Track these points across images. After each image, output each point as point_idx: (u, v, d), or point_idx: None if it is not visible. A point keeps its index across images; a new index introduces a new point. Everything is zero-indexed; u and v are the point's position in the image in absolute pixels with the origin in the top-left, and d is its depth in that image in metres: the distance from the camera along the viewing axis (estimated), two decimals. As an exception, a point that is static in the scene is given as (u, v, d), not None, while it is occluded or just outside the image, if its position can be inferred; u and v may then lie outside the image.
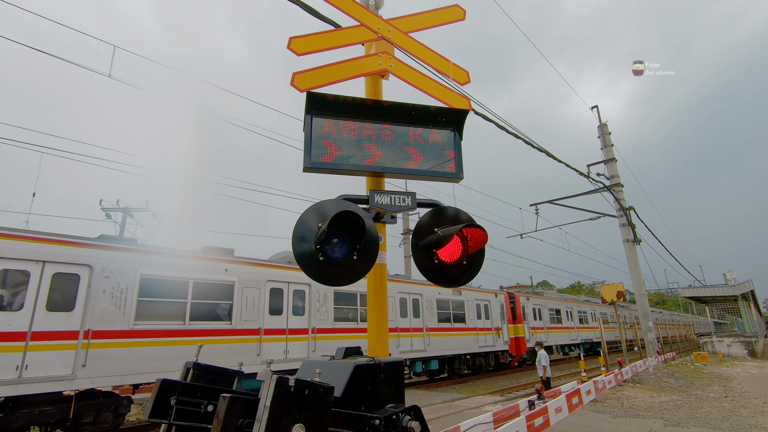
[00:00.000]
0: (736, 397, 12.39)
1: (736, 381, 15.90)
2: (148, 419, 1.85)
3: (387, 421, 1.91)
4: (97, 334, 8.57)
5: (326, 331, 12.72)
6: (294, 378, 1.51)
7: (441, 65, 3.49)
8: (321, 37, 3.04)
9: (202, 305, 10.27)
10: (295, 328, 11.98)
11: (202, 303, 10.29)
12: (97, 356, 8.47)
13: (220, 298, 10.65)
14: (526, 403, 7.84)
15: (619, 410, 10.43)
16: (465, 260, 2.78)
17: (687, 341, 36.24)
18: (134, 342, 9.03)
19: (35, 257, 8.17)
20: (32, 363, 7.75)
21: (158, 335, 9.42)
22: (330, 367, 2.14)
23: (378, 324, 2.78)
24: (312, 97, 2.68)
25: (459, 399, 12.94)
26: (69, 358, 8.17)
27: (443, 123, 3.00)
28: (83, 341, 8.37)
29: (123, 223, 16.59)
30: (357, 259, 2.43)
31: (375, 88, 3.18)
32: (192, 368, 2.12)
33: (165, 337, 9.50)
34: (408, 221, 24.18)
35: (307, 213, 2.41)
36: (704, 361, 23.17)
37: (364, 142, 2.79)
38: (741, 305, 32.77)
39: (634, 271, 17.96)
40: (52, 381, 7.90)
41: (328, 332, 12.78)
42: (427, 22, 3.58)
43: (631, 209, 18.57)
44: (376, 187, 2.94)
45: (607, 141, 19.48)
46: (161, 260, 9.80)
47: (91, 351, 8.43)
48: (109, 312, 8.81)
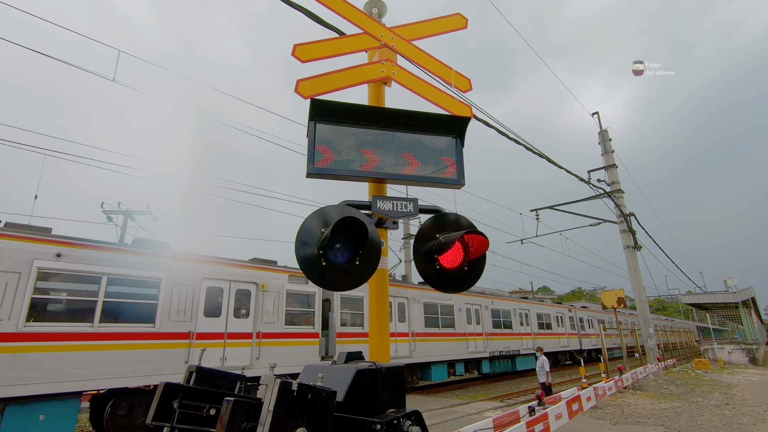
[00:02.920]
0: (737, 404, 12.34)
1: (737, 388, 15.84)
2: (152, 422, 1.86)
3: (388, 425, 1.92)
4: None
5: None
6: (297, 382, 1.53)
7: (443, 73, 3.52)
8: (325, 44, 3.08)
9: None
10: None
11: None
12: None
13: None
14: (526, 409, 7.83)
15: (620, 417, 10.39)
16: (466, 266, 2.80)
17: (688, 348, 36.10)
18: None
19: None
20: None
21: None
22: (331, 371, 2.15)
23: (379, 329, 2.79)
24: (316, 103, 2.71)
25: (459, 404, 12.89)
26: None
27: (445, 130, 3.03)
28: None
29: (124, 226, 16.62)
30: (359, 264, 2.45)
31: (378, 95, 3.21)
32: (195, 372, 2.13)
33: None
34: (409, 226, 24.20)
35: (310, 218, 2.43)
36: (705, 368, 23.09)
37: (367, 148, 2.82)
38: (742, 312, 32.65)
39: (634, 277, 17.94)
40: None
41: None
42: (430, 30, 3.62)
43: (632, 215, 18.58)
44: (378, 192, 2.97)
45: (608, 147, 19.53)
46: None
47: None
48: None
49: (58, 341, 8.24)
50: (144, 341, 9.30)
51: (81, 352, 8.44)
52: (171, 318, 9.83)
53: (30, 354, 7.87)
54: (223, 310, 10.76)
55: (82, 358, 8.42)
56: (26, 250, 8.24)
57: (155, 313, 9.59)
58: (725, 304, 32.50)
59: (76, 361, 8.35)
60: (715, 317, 44.20)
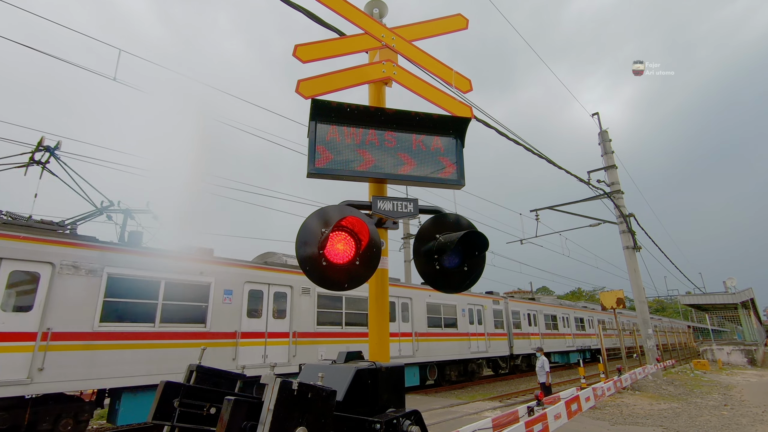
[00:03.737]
0: (735, 405, 12.36)
1: (735, 389, 15.86)
2: (152, 421, 1.87)
3: (388, 425, 1.93)
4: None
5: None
6: (297, 381, 1.54)
7: (444, 73, 3.53)
8: (326, 45, 3.09)
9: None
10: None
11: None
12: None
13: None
14: (525, 409, 7.84)
15: (618, 417, 10.40)
16: (466, 266, 2.81)
17: (687, 348, 36.14)
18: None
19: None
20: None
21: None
22: (331, 371, 2.16)
23: (379, 329, 2.80)
24: (316, 103, 2.72)
25: (458, 404, 12.91)
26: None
27: (445, 130, 3.04)
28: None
29: (124, 224, 16.60)
30: (359, 264, 2.46)
31: (378, 96, 3.22)
32: (195, 371, 2.14)
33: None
34: (408, 226, 24.21)
35: (311, 218, 2.44)
36: (704, 368, 23.11)
37: (367, 148, 2.83)
38: (741, 313, 32.68)
39: (633, 278, 17.95)
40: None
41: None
42: (431, 30, 3.63)
43: (631, 216, 18.59)
44: (379, 193, 2.98)
45: (608, 148, 19.54)
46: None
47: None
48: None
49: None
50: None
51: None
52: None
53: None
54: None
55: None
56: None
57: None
58: (724, 305, 32.52)
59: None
60: (715, 318, 44.25)
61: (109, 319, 8.90)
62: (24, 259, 8.10)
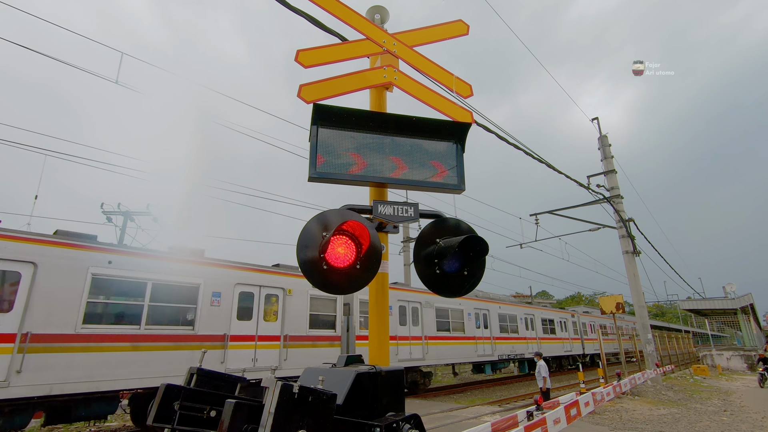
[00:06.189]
0: (735, 411, 12.33)
1: (735, 395, 15.82)
2: (152, 424, 1.87)
3: (387, 429, 1.94)
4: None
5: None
6: (298, 385, 1.55)
7: (444, 79, 3.56)
8: (327, 50, 3.12)
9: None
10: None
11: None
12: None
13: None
14: (524, 414, 7.81)
15: (618, 423, 10.37)
16: (466, 270, 2.82)
17: (686, 354, 36.05)
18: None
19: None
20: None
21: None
22: (332, 374, 2.17)
23: (379, 333, 2.81)
24: (318, 108, 2.74)
25: (457, 409, 12.87)
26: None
27: (446, 135, 3.06)
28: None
29: (123, 226, 16.63)
30: (360, 268, 2.47)
31: (379, 101, 3.24)
32: (196, 374, 2.14)
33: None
34: (408, 229, 24.20)
35: (312, 222, 2.45)
36: (703, 374, 23.06)
37: (368, 153, 2.85)
38: (741, 318, 32.65)
39: (633, 282, 17.94)
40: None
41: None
42: (431, 36, 3.66)
43: (631, 221, 18.62)
44: (379, 197, 2.99)
45: (607, 153, 19.59)
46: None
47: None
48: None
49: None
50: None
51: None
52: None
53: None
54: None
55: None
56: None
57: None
58: (724, 311, 32.50)
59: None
60: (714, 323, 44.16)
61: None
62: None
